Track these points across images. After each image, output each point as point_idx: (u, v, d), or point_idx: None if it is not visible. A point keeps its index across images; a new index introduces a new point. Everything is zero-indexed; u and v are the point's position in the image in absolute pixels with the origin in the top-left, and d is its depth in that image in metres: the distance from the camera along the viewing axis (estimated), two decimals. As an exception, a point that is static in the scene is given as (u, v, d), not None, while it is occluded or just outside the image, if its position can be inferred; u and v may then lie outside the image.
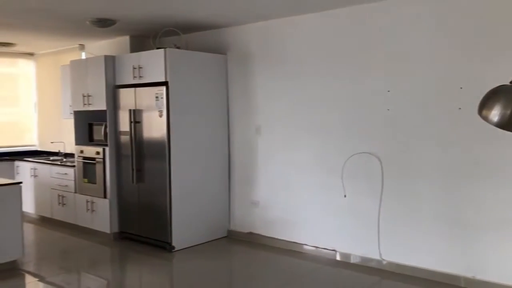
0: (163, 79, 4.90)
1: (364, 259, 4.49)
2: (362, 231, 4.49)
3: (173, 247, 4.98)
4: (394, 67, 4.22)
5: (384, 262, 4.36)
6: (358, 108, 4.47)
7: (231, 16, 4.92)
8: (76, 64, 5.89)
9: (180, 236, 5.02)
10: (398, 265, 4.27)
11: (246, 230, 5.40)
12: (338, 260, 4.66)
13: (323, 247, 4.78)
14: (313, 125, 4.79)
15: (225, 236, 5.52)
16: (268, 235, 5.21)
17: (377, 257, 4.40)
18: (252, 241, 5.32)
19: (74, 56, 6.47)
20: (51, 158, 6.77)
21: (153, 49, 5.20)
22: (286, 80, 4.98)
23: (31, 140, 7.69)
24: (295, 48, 4.89)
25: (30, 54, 7.57)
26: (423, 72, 4.05)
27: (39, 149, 7.60)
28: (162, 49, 4.89)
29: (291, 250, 4.98)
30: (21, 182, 4.62)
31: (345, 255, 4.63)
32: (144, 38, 5.93)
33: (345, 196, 4.57)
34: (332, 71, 4.63)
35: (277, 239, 5.13)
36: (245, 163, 5.39)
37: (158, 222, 5.07)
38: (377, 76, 4.33)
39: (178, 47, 5.23)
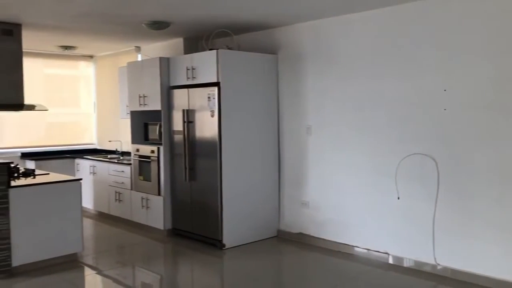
0: (215, 80, 4.98)
1: (418, 263, 4.36)
2: (416, 234, 4.36)
3: (224, 245, 5.06)
4: (451, 65, 4.07)
5: (439, 267, 4.22)
6: (412, 107, 4.34)
7: (282, 16, 4.93)
8: (133, 66, 6.11)
9: (230, 234, 5.09)
10: (454, 271, 4.12)
11: (296, 231, 5.39)
12: (390, 264, 4.56)
13: (375, 249, 4.69)
14: (365, 125, 4.71)
15: (275, 236, 5.54)
16: (318, 236, 5.17)
17: (432, 261, 4.26)
18: (302, 241, 5.30)
19: (131, 58, 6.71)
20: (109, 156, 7.05)
21: (205, 50, 5.30)
22: (337, 80, 4.93)
23: (90, 139, 8.06)
24: (346, 47, 4.83)
25: (90, 57, 7.93)
26: (482, 70, 3.88)
27: (98, 147, 7.95)
28: (214, 50, 4.98)
29: (341, 252, 4.92)
30: (81, 179, 4.85)
31: (398, 259, 4.51)
32: (197, 40, 6.06)
33: (398, 198, 4.46)
34: (385, 70, 4.53)
35: (327, 240, 5.09)
36: (295, 164, 5.38)
37: (209, 220, 5.16)
38: (432, 75, 4.19)
39: (230, 48, 5.30)
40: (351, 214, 4.87)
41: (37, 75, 7.43)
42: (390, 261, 4.57)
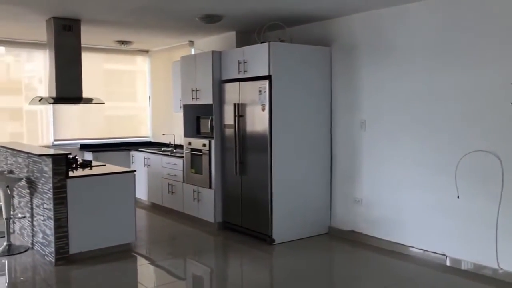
0: (266, 73, 4.92)
1: (478, 266, 4.11)
2: (476, 236, 4.11)
3: (273, 240, 5.01)
4: (520, 56, 3.77)
5: (501, 271, 3.95)
6: (474, 102, 4.08)
7: (336, 7, 4.78)
8: (186, 60, 6.17)
9: (280, 229, 5.03)
10: (519, 277, 3.85)
11: (348, 228, 5.25)
12: (447, 266, 4.33)
13: (431, 250, 4.47)
14: (422, 120, 4.49)
15: (326, 233, 5.42)
16: (371, 235, 5.00)
17: (494, 265, 3.99)
18: (354, 239, 5.15)
19: (184, 52, 6.78)
20: (163, 149, 7.19)
21: (257, 43, 5.25)
22: (393, 72, 4.73)
23: (145, 132, 8.26)
24: (403, 38, 4.61)
25: (146, 51, 8.11)
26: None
27: (152, 140, 8.14)
28: (266, 43, 4.91)
29: (395, 252, 4.74)
30: (134, 171, 4.95)
31: (456, 261, 4.28)
32: (249, 33, 6.02)
33: (458, 197, 4.21)
34: (444, 63, 4.28)
35: (380, 239, 4.91)
36: (348, 159, 5.23)
37: (259, 214, 5.13)
38: (497, 67, 3.91)
39: (282, 41, 5.22)
40: (407, 212, 4.67)
41: (97, 69, 7.70)
42: (448, 263, 4.34)
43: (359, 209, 5.13)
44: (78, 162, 5.27)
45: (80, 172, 4.81)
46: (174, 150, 6.93)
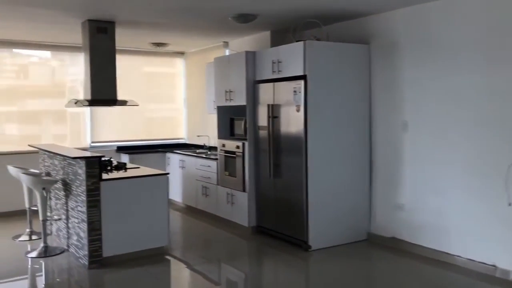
0: (301, 73, 4.75)
1: (533, 280, 3.79)
2: (530, 247, 3.79)
3: (309, 247, 4.82)
4: None
5: (560, 287, 3.62)
6: (529, 100, 3.77)
7: (374, 3, 4.55)
8: (219, 61, 6.07)
9: (316, 235, 4.84)
10: None
11: (389, 235, 4.99)
12: (497, 277, 4.02)
13: (479, 260, 4.17)
14: (470, 121, 4.19)
15: (365, 240, 5.17)
16: (414, 242, 4.73)
17: (551, 279, 3.67)
18: (395, 247, 4.89)
19: (219, 54, 6.70)
20: (197, 151, 7.12)
21: (292, 42, 5.08)
22: (438, 70, 4.45)
23: (181, 134, 8.24)
24: (448, 34, 4.33)
25: (181, 53, 8.08)
26: None
27: (187, 142, 8.10)
28: (301, 42, 4.74)
29: (440, 261, 4.45)
30: (168, 173, 4.88)
31: (506, 272, 3.96)
32: (284, 33, 5.85)
33: (510, 204, 3.90)
34: (498, 58, 3.97)
35: (424, 247, 4.63)
36: (388, 162, 4.98)
37: (295, 219, 4.95)
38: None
39: (317, 39, 5.03)
40: (453, 219, 4.37)
41: (135, 72, 7.72)
42: (497, 274, 4.02)
43: (400, 214, 4.87)
44: (113, 164, 5.26)
45: (113, 174, 4.78)
46: (209, 152, 6.85)
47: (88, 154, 4.64)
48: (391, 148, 4.94)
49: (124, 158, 7.20)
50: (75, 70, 7.10)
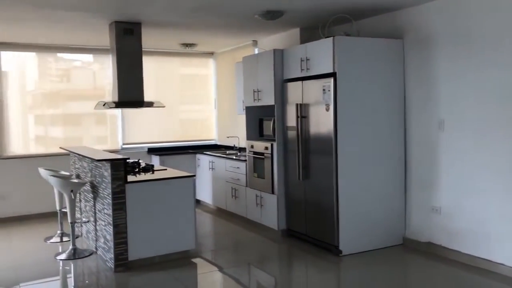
0: (330, 71, 4.55)
1: None
2: None
3: (340, 251, 4.62)
4: None
5: None
6: None
7: (408, -5, 4.32)
8: (248, 60, 5.95)
9: (348, 239, 4.63)
10: None
11: (425, 240, 4.72)
12: (546, 288, 3.71)
13: (524, 269, 3.87)
14: (513, 119, 3.89)
15: (400, 244, 4.92)
16: (451, 248, 4.45)
17: None
18: (431, 252, 4.62)
19: (248, 53, 6.57)
20: (228, 152, 7.03)
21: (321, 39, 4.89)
22: (478, 65, 4.15)
23: (212, 135, 8.17)
24: (491, 26, 4.03)
25: (211, 54, 8.02)
26: None
27: (218, 143, 8.03)
28: (330, 38, 4.55)
29: (480, 268, 4.16)
30: (194, 175, 4.78)
31: (556, 283, 3.65)
32: (314, 29, 5.66)
33: (558, 208, 3.59)
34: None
35: (462, 253, 4.35)
36: (424, 163, 4.71)
37: (325, 222, 4.76)
38: None
39: (348, 35, 4.82)
40: (494, 224, 4.07)
41: (165, 73, 7.71)
42: (546, 284, 3.71)
43: (437, 218, 4.59)
44: (141, 166, 5.23)
45: (140, 177, 4.74)
46: (238, 153, 6.74)
47: (114, 156, 4.61)
48: (427, 148, 4.67)
49: (155, 159, 7.20)
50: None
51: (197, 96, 8.14)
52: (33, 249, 5.24)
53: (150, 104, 5.52)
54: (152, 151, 7.49)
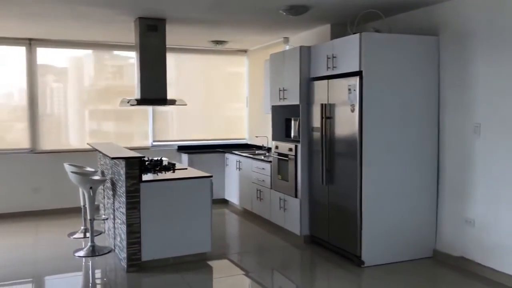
0: (356, 69, 4.27)
1: None
2: None
3: (362, 262, 4.33)
4: None
5: None
6: None
7: (443, -13, 3.97)
8: (275, 58, 5.74)
9: (371, 250, 4.34)
10: None
11: (457, 254, 4.35)
12: None
13: None
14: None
15: (429, 257, 4.56)
16: (486, 264, 4.07)
17: None
18: (464, 268, 4.25)
19: (280, 50, 6.36)
20: (257, 152, 6.85)
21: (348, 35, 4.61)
22: (519, 64, 3.76)
23: (243, 134, 8.02)
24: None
25: (244, 51, 7.86)
26: None
27: (248, 142, 7.86)
28: (357, 34, 4.27)
29: (517, 289, 3.77)
30: (211, 176, 4.63)
31: None
32: (345, 26, 5.38)
33: None
34: None
35: (498, 271, 3.95)
36: (458, 170, 4.34)
37: (348, 231, 4.49)
38: None
39: (377, 31, 4.52)
40: (534, 241, 3.67)
41: (197, 71, 7.63)
42: None
43: (471, 231, 4.21)
44: (163, 165, 5.15)
45: (161, 175, 4.65)
46: (267, 154, 6.54)
47: (130, 153, 4.54)
48: (461, 154, 4.29)
49: (184, 158, 7.13)
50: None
51: (231, 94, 8.00)
52: (55, 244, 5.27)
53: (172, 102, 5.43)
54: (181, 149, 7.43)
